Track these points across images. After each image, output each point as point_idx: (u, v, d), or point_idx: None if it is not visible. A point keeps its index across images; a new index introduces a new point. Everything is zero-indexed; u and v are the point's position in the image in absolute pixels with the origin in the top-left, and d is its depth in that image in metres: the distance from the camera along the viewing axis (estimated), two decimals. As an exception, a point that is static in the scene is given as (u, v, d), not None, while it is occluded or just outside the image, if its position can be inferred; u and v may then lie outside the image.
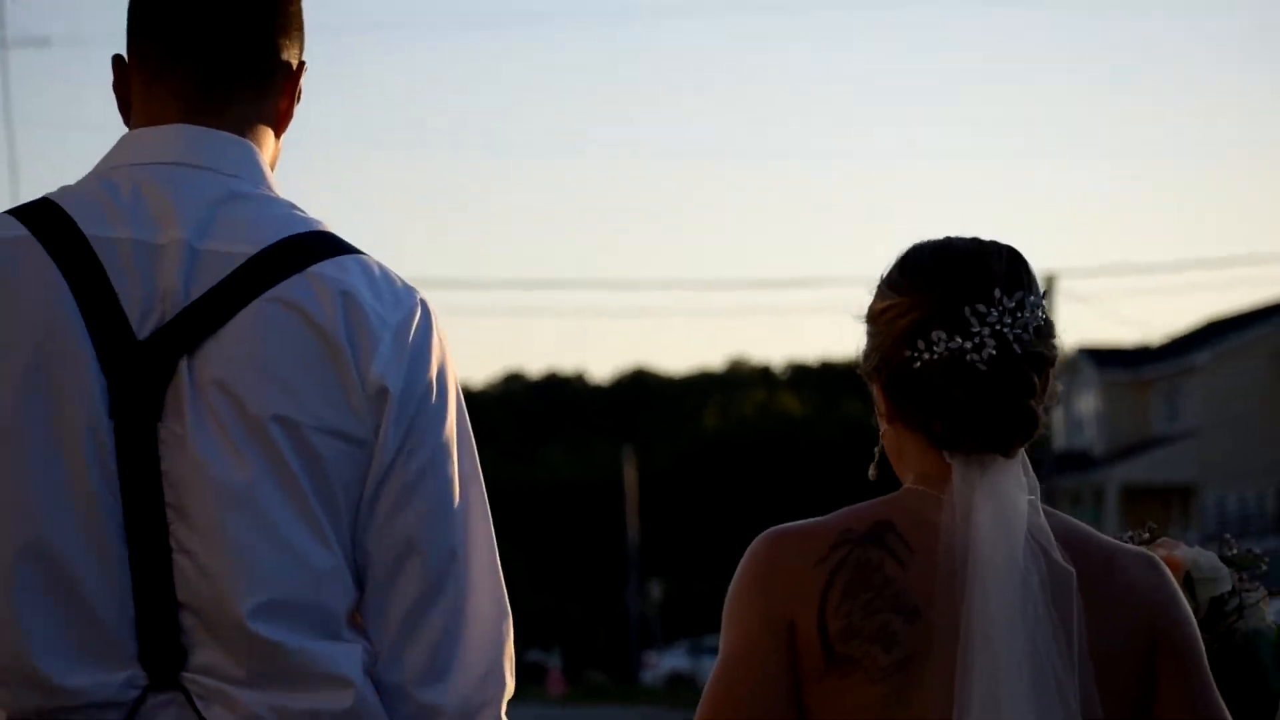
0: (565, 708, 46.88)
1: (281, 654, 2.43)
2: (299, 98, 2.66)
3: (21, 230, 2.51)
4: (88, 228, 2.50)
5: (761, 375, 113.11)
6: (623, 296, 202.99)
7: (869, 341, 2.61)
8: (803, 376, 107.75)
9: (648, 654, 64.99)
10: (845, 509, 2.59)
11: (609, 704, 52.50)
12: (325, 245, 2.52)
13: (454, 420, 2.55)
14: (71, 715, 2.42)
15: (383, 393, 2.48)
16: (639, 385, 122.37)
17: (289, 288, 2.48)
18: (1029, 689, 2.46)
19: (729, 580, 2.64)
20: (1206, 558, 2.91)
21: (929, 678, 2.46)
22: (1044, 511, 2.56)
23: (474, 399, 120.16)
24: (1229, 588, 2.89)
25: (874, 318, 2.60)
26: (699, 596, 71.41)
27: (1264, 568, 2.95)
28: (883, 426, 2.65)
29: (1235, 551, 2.97)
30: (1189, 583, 2.87)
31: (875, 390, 2.63)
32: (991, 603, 2.47)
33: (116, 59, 2.65)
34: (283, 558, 2.45)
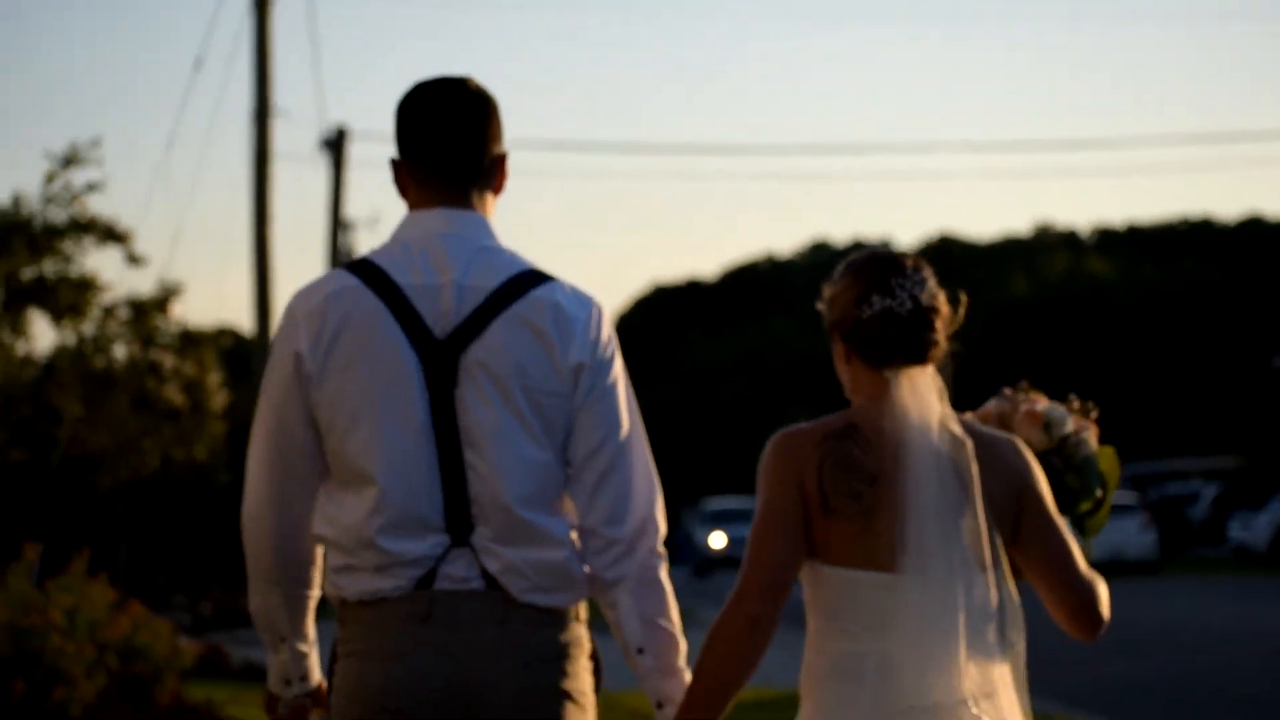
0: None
1: (527, 525, 3.98)
2: (507, 175, 4.17)
3: (355, 280, 4.03)
4: (396, 277, 4.02)
5: (1068, 239, 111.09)
6: (927, 160, 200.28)
7: (830, 312, 4.08)
8: (1109, 240, 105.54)
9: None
10: (827, 416, 4.04)
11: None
12: (536, 276, 4.06)
13: (617, 372, 4.08)
14: (405, 567, 3.96)
15: (579, 366, 4.03)
16: (944, 251, 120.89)
17: (519, 306, 4.01)
18: (939, 514, 3.92)
19: None
20: (1057, 410, 4.39)
21: (883, 518, 3.94)
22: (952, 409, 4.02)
23: (782, 269, 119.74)
24: (1071, 428, 4.38)
25: (833, 296, 4.08)
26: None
27: (1092, 414, 4.46)
28: (841, 367, 4.10)
29: (1076, 405, 4.45)
30: (1047, 425, 4.37)
31: (836, 344, 4.09)
32: (918, 464, 3.94)
33: (393, 161, 4.15)
34: (526, 468, 3.99)
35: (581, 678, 4.06)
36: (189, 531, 30.81)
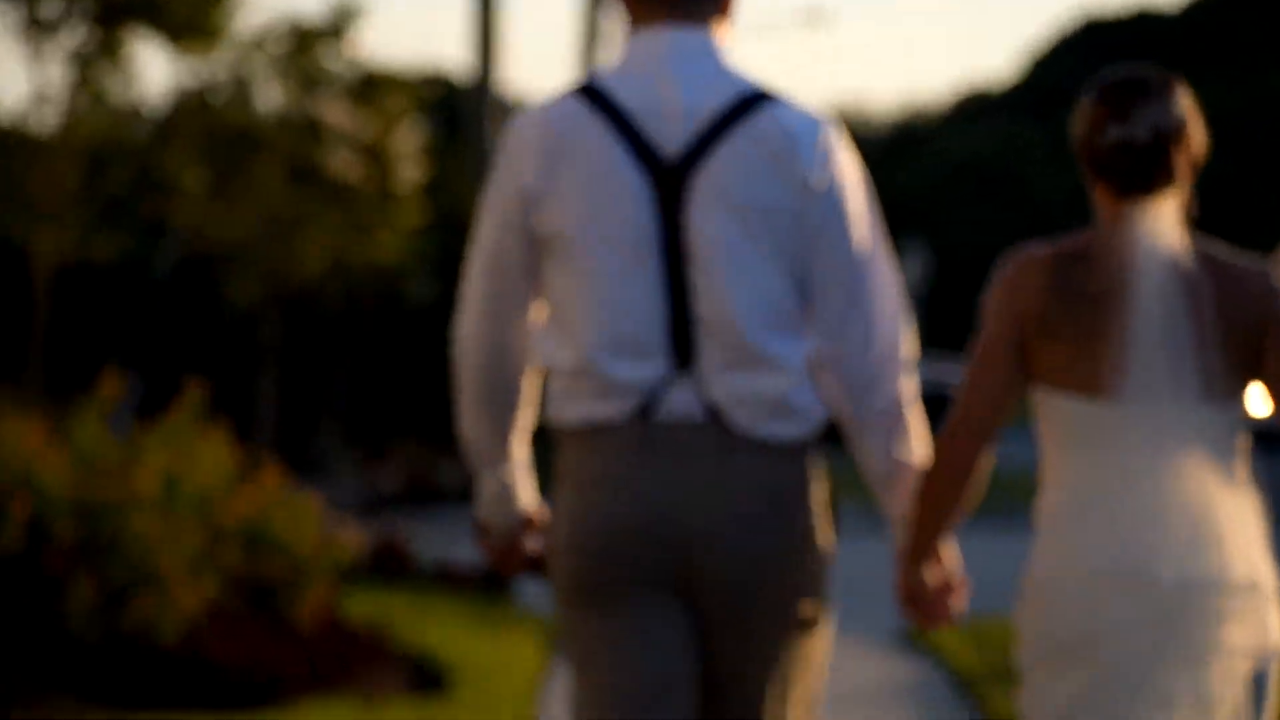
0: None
1: (756, 351, 5.31)
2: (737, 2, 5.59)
3: (580, 104, 5.40)
4: (622, 100, 5.39)
5: None
6: None
7: (1076, 133, 5.49)
8: None
9: None
10: (1063, 238, 5.44)
11: None
12: (765, 96, 5.41)
13: (856, 191, 5.45)
14: (624, 391, 5.33)
15: (813, 185, 5.37)
16: None
17: (749, 124, 5.36)
18: (1163, 341, 5.30)
19: None
20: None
21: (1103, 342, 5.33)
22: (1197, 238, 5.41)
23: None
24: None
25: (1079, 120, 5.49)
26: None
27: None
28: (1089, 187, 5.48)
29: None
30: None
31: (1083, 165, 5.47)
32: (1143, 288, 5.31)
33: None
34: (758, 290, 5.34)
35: (810, 520, 5.38)
36: (368, 366, 30.73)
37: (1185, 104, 5.38)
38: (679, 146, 5.35)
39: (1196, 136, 5.38)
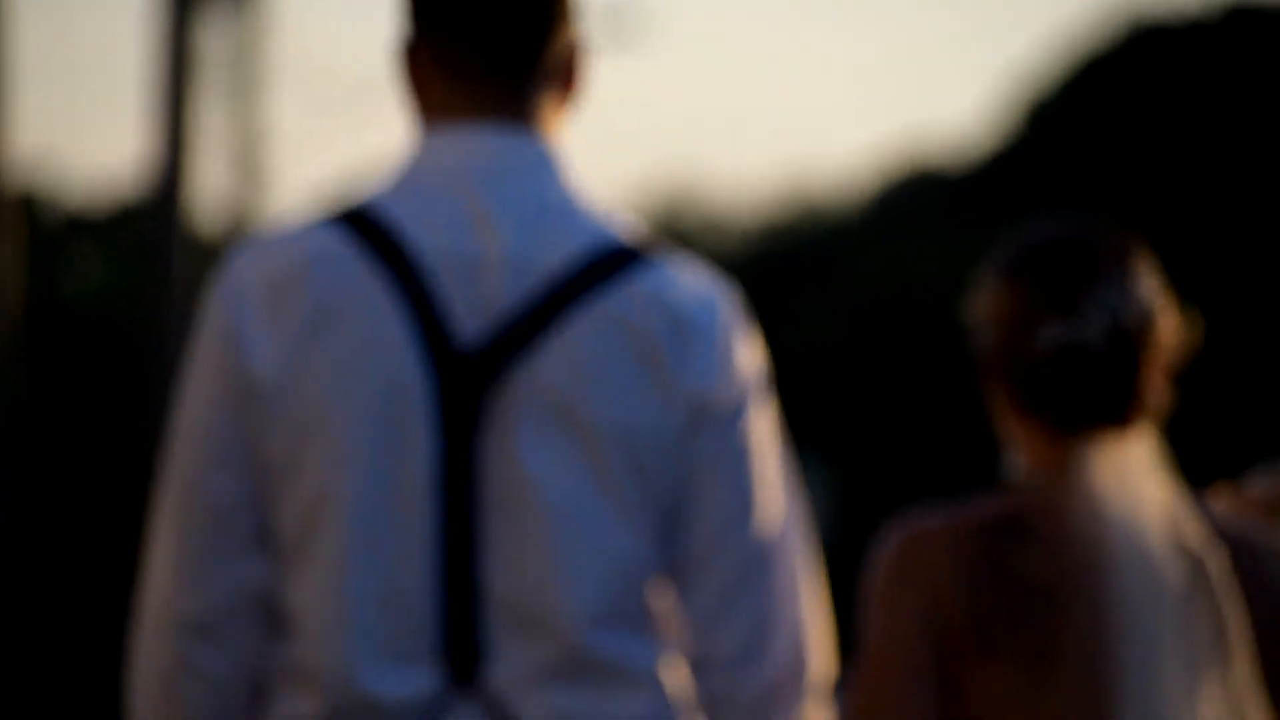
0: None
1: (595, 655, 3.91)
2: (581, 75, 4.07)
3: (345, 241, 3.92)
4: (413, 239, 3.91)
5: None
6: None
7: (983, 335, 4.06)
8: None
9: None
10: (975, 502, 4.01)
11: None
12: (638, 252, 3.95)
13: (761, 410, 3.99)
14: (381, 715, 3.86)
15: (703, 401, 3.92)
16: None
17: (610, 298, 3.89)
18: (1167, 663, 3.86)
19: None
20: None
21: (1064, 661, 3.90)
22: (1192, 495, 3.99)
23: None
24: None
25: (987, 310, 4.03)
26: None
27: None
28: (1002, 420, 4.12)
29: None
30: None
31: (992, 383, 4.08)
32: (1128, 583, 3.86)
33: (402, 50, 4.06)
34: (608, 567, 3.90)
35: None
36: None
37: (1151, 281, 3.90)
38: (491, 327, 3.81)
39: (1169, 330, 3.90)
